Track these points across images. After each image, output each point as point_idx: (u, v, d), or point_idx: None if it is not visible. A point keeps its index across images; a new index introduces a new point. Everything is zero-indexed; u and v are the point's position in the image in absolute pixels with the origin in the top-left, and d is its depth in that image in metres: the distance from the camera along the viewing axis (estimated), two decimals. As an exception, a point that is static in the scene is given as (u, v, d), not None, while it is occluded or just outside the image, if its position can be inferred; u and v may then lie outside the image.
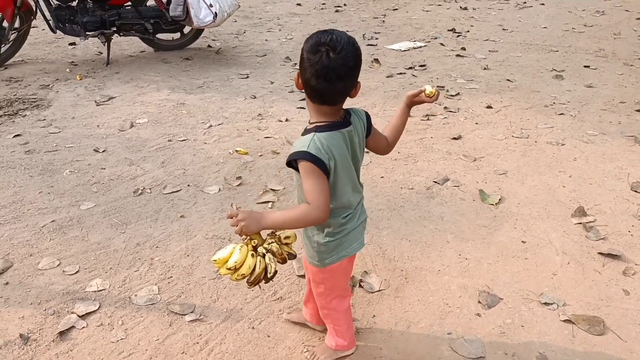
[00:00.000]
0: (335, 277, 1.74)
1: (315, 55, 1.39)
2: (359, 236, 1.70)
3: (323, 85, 1.41)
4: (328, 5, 7.84)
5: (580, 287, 2.29)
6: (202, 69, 5.09)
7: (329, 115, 1.50)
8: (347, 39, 1.42)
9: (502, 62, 5.26)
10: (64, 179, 3.16)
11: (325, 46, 1.38)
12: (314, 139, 1.46)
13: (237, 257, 1.50)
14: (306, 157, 1.44)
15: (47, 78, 4.75)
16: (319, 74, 1.39)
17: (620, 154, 3.40)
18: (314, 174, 1.45)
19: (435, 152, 3.47)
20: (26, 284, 2.34)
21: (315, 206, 1.45)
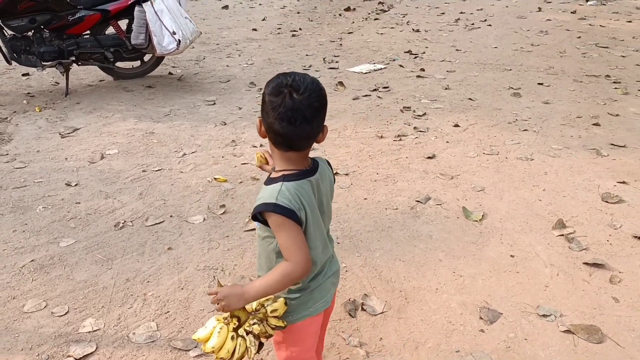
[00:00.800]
0: (299, 339, 1.56)
1: (278, 97, 1.30)
2: (325, 294, 1.53)
3: (288, 129, 1.31)
4: (284, 30, 7.92)
5: (572, 297, 2.38)
6: (166, 96, 5.02)
7: (297, 162, 1.39)
8: (310, 79, 1.34)
9: (461, 81, 5.44)
10: (38, 215, 3.03)
11: (288, 87, 1.30)
12: (282, 189, 1.34)
13: (214, 342, 1.43)
14: (277, 210, 1.31)
15: (4, 111, 4.56)
16: (282, 116, 1.30)
17: (586, 167, 3.58)
18: (287, 227, 1.33)
19: (413, 172, 3.55)
20: (13, 328, 2.22)
21: (295, 262, 1.34)
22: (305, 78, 1.33)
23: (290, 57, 6.43)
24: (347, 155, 3.79)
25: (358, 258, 2.67)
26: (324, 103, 1.36)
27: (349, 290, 2.45)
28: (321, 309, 1.53)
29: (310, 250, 1.40)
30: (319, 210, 1.43)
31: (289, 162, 1.39)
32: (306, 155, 1.42)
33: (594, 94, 5.02)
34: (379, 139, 4.06)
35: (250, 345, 1.44)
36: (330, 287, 1.54)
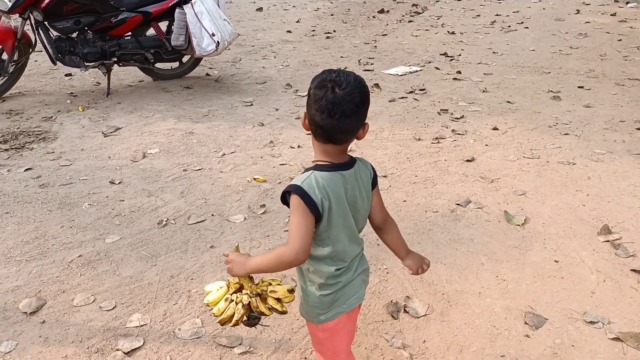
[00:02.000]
0: (335, 337, 1.59)
1: (321, 90, 1.36)
2: (357, 290, 1.56)
3: (327, 121, 1.36)
4: (318, 32, 7.95)
5: (620, 305, 2.33)
6: (204, 97, 5.09)
7: (333, 156, 1.44)
8: (354, 77, 1.39)
9: (498, 84, 5.38)
10: (84, 212, 3.11)
11: (332, 82, 1.36)
12: (311, 177, 1.41)
13: (211, 297, 1.56)
14: (298, 191, 1.38)
15: (49, 110, 4.68)
16: (323, 109, 1.35)
17: (631, 172, 3.50)
18: (300, 211, 1.39)
19: (452, 175, 3.52)
20: (63, 321, 2.28)
21: (292, 247, 1.39)
22: (349, 75, 1.38)
23: (325, 59, 6.45)
24: (384, 157, 3.79)
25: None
26: (365, 100, 1.39)
27: (391, 291, 2.45)
28: (355, 305, 1.56)
29: (335, 242, 1.46)
30: (349, 207, 1.46)
31: (326, 154, 1.44)
32: (344, 150, 1.46)
33: (636, 98, 4.90)
34: (416, 141, 4.05)
35: (236, 311, 1.51)
36: (360, 284, 1.57)
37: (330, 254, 1.47)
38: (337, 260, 1.49)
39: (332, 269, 1.48)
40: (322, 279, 1.49)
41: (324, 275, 1.49)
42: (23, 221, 3.00)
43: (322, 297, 1.51)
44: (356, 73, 1.41)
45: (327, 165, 1.43)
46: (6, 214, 3.07)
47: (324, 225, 1.43)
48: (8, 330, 2.22)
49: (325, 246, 1.47)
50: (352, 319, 1.60)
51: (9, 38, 4.56)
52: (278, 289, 1.54)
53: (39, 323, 2.26)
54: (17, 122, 4.40)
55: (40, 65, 5.97)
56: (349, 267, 1.52)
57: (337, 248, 1.47)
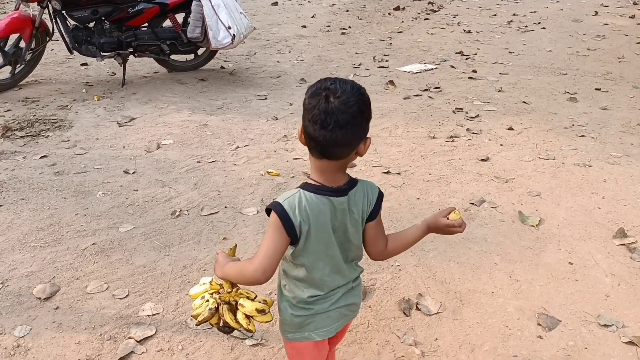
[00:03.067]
0: (301, 357, 1.53)
1: (314, 99, 1.26)
2: (331, 323, 1.45)
3: (320, 132, 1.24)
4: (333, 27, 7.92)
5: (635, 309, 2.31)
6: (219, 90, 5.09)
7: (327, 174, 1.33)
8: (351, 85, 1.28)
9: (514, 84, 5.34)
10: (98, 200, 3.12)
11: (326, 90, 1.25)
12: (296, 195, 1.32)
13: (193, 291, 1.56)
14: (277, 208, 1.30)
15: (64, 99, 4.71)
16: (315, 119, 1.24)
17: (647, 176, 3.46)
18: (274, 229, 1.31)
19: (466, 174, 3.50)
20: (77, 308, 2.30)
21: (254, 264, 1.31)
22: (346, 83, 1.28)
23: (340, 55, 6.44)
24: (398, 155, 3.77)
25: (411, 257, 2.66)
26: (363, 109, 1.28)
27: (403, 288, 2.44)
28: (323, 337, 1.46)
29: (312, 268, 1.37)
30: (335, 236, 1.37)
31: (320, 172, 1.34)
32: (340, 167, 1.34)
33: (655, 102, 4.85)
34: (430, 139, 4.03)
35: (203, 310, 1.49)
36: (338, 317, 1.47)
37: (305, 279, 1.40)
38: (312, 287, 1.41)
39: (304, 295, 1.41)
40: (294, 300, 1.43)
41: (296, 297, 1.43)
42: (38, 208, 3.02)
43: (292, 316, 1.44)
44: (355, 81, 1.31)
45: (316, 186, 1.33)
46: (21, 200, 3.09)
47: (299, 249, 1.35)
48: (22, 315, 2.24)
49: (300, 269, 1.39)
50: (321, 348, 1.51)
51: (27, 26, 4.59)
52: (247, 304, 1.45)
53: (53, 309, 2.28)
54: (33, 109, 4.43)
55: (57, 54, 6.01)
56: (326, 297, 1.42)
57: (313, 275, 1.38)
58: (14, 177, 3.34)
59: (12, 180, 3.30)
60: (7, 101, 4.56)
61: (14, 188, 3.21)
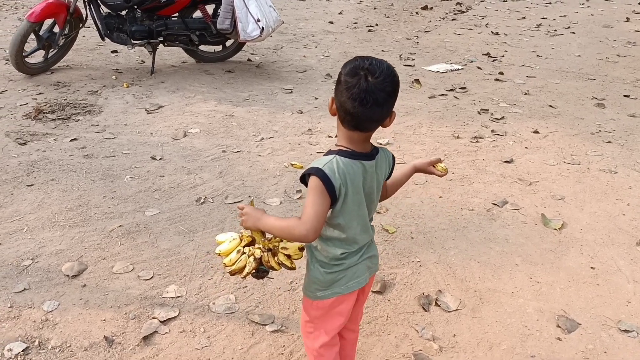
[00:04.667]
0: (327, 317, 1.59)
1: (354, 78, 1.36)
2: (360, 274, 1.56)
3: (358, 109, 1.36)
4: (360, 25, 7.93)
5: (656, 316, 2.30)
6: (245, 82, 5.14)
7: (357, 143, 1.45)
8: (386, 65, 1.39)
9: (541, 88, 5.30)
10: (126, 184, 3.19)
11: (364, 70, 1.35)
12: (333, 160, 1.41)
13: (223, 248, 1.60)
14: (318, 173, 1.38)
15: (95, 84, 4.80)
16: (355, 97, 1.35)
17: (674, 185, 3.42)
18: (317, 192, 1.39)
19: (490, 174, 3.50)
20: (103, 287, 2.36)
21: (302, 222, 1.39)
22: (382, 63, 1.38)
23: (366, 52, 6.44)
24: (422, 153, 3.78)
25: (432, 254, 2.67)
26: (396, 89, 1.41)
27: (423, 284, 2.46)
28: (354, 288, 1.56)
29: (347, 228, 1.48)
30: (365, 196, 1.48)
31: (351, 141, 1.44)
32: (368, 137, 1.47)
33: (685, 111, 4.77)
34: (455, 139, 4.02)
35: (247, 264, 1.56)
36: (365, 269, 1.58)
37: (339, 237, 1.50)
38: (345, 245, 1.51)
39: (337, 252, 1.51)
40: (327, 259, 1.52)
41: (328, 256, 1.52)
42: (67, 189, 3.09)
43: (324, 274, 1.53)
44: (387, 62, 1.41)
45: (349, 152, 1.44)
46: (52, 180, 3.17)
47: (337, 210, 1.45)
48: (51, 291, 2.31)
49: (336, 229, 1.49)
50: (349, 301, 1.59)
51: (62, 12, 4.68)
52: (289, 245, 1.59)
53: (80, 286, 2.35)
54: (64, 93, 4.53)
55: (88, 41, 6.11)
56: (356, 252, 1.54)
57: (347, 234, 1.49)
58: (45, 158, 3.43)
59: (43, 161, 3.38)
60: (40, 84, 4.66)
61: (45, 169, 3.30)
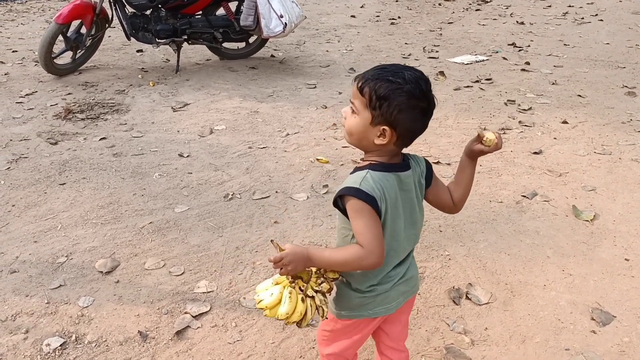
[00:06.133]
0: (345, 334, 1.53)
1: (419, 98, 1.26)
2: (390, 300, 1.45)
3: (425, 123, 1.30)
4: (382, 18, 7.89)
5: (695, 308, 2.24)
6: (269, 78, 5.16)
7: (390, 155, 1.34)
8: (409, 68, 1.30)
9: (569, 77, 5.20)
10: (155, 182, 3.23)
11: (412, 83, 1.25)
12: (367, 177, 1.28)
13: (287, 308, 1.36)
14: (358, 195, 1.26)
15: (121, 83, 4.87)
16: (426, 111, 1.29)
17: None
18: (365, 213, 1.27)
19: (518, 166, 3.45)
20: (136, 282, 2.40)
21: (369, 250, 1.27)
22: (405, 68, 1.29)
23: (389, 45, 6.41)
24: (448, 145, 3.75)
25: (462, 247, 2.65)
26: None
27: (452, 278, 2.44)
28: (380, 314, 1.46)
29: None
30: (403, 212, 1.36)
31: (382, 154, 1.34)
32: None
33: None
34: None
35: (321, 304, 1.40)
36: (398, 294, 1.46)
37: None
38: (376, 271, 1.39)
39: (370, 276, 1.40)
40: (359, 284, 1.42)
41: (362, 281, 1.42)
42: (98, 187, 3.15)
43: (353, 298, 1.44)
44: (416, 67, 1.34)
45: (382, 164, 1.33)
46: (83, 179, 3.23)
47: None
48: (86, 287, 2.36)
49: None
50: (373, 324, 1.51)
51: (89, 13, 4.76)
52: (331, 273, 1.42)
53: (114, 282, 2.39)
54: (92, 93, 4.60)
55: (114, 41, 6.21)
56: (388, 277, 1.42)
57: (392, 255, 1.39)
58: (75, 157, 3.49)
59: (74, 160, 3.45)
60: (69, 85, 4.75)
61: (76, 167, 3.36)
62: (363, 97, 1.28)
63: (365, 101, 1.28)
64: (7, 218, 2.84)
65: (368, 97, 1.27)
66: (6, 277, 2.40)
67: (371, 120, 1.28)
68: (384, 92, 1.25)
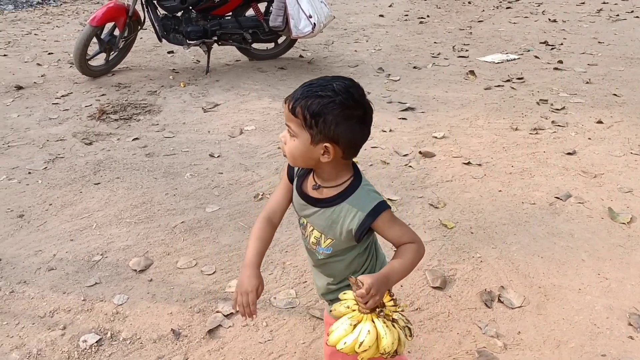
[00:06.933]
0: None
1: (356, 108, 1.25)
2: None
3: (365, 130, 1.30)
4: (411, 17, 7.84)
5: None
6: (297, 78, 5.18)
7: (347, 165, 1.36)
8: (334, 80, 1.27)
9: (604, 76, 5.09)
10: (186, 182, 3.28)
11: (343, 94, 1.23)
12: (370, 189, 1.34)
13: (390, 338, 1.24)
14: (386, 204, 1.33)
15: (153, 84, 4.95)
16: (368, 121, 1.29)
17: None
18: (395, 217, 1.36)
19: (551, 167, 3.39)
20: (168, 281, 2.43)
21: (419, 241, 1.34)
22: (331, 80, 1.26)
23: (418, 44, 6.36)
24: (479, 146, 3.70)
25: (493, 250, 2.62)
26: None
27: (484, 280, 2.42)
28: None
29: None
30: None
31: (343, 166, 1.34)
32: None
33: None
34: (513, 131, 3.92)
35: (406, 323, 1.32)
36: None
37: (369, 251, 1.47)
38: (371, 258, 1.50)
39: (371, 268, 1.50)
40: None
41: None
42: (132, 186, 3.21)
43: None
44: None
45: (356, 174, 1.35)
46: (117, 178, 3.30)
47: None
48: (120, 285, 2.40)
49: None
50: None
51: (122, 15, 4.85)
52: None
53: (147, 281, 2.43)
54: (125, 94, 4.69)
55: (145, 43, 6.31)
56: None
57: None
58: (109, 157, 3.57)
59: (108, 160, 3.52)
60: (102, 86, 4.85)
61: (110, 167, 3.43)
62: (297, 118, 1.24)
63: (300, 121, 1.24)
64: (44, 217, 2.91)
65: (302, 117, 1.23)
66: (44, 274, 2.47)
67: (311, 140, 1.25)
68: (316, 109, 1.21)
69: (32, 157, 3.56)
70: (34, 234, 2.77)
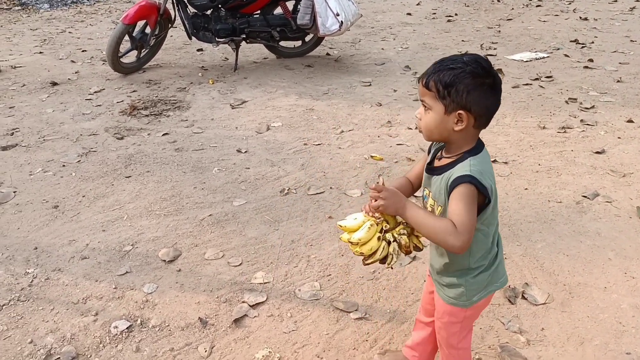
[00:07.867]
0: (476, 314, 1.59)
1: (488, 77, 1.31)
2: (504, 272, 1.54)
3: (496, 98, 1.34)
4: (438, 15, 7.80)
5: None
6: (324, 76, 5.22)
7: (474, 139, 1.39)
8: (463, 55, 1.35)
9: (636, 74, 5.00)
10: (214, 176, 3.35)
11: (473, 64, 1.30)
12: (472, 164, 1.33)
13: (362, 235, 1.40)
14: (473, 181, 1.30)
15: (183, 81, 5.05)
16: (498, 88, 1.33)
17: None
18: (471, 199, 1.31)
19: (579, 166, 3.36)
20: (196, 272, 2.50)
21: (460, 233, 1.28)
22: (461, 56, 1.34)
23: (446, 43, 6.34)
24: (506, 144, 3.69)
25: (518, 247, 2.61)
26: None
27: (509, 277, 2.41)
28: (504, 284, 1.54)
29: (494, 218, 1.42)
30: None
31: (474, 140, 1.38)
32: None
33: None
34: (540, 130, 3.89)
35: (393, 252, 1.43)
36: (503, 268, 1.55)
37: (493, 232, 1.45)
38: (494, 236, 1.47)
39: (494, 247, 1.48)
40: (486, 261, 1.46)
41: (488, 256, 1.46)
42: (161, 180, 3.29)
43: (482, 279, 1.47)
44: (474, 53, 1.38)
45: (473, 147, 1.37)
46: (147, 172, 3.38)
47: (492, 206, 1.38)
48: (150, 274, 2.48)
49: (491, 225, 1.43)
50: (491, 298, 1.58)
51: (153, 13, 4.95)
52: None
53: (176, 271, 2.50)
54: (155, 91, 4.79)
55: (175, 40, 6.43)
56: (493, 255, 1.49)
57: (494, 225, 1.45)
58: (140, 151, 3.66)
59: (139, 155, 3.61)
60: (133, 83, 4.97)
61: (141, 161, 3.52)
62: (431, 91, 1.33)
63: (434, 94, 1.33)
64: (78, 208, 3.01)
65: (435, 89, 1.32)
66: (78, 262, 2.56)
67: (445, 110, 1.33)
68: (449, 79, 1.30)
69: (66, 151, 3.68)
70: (67, 224, 2.87)
